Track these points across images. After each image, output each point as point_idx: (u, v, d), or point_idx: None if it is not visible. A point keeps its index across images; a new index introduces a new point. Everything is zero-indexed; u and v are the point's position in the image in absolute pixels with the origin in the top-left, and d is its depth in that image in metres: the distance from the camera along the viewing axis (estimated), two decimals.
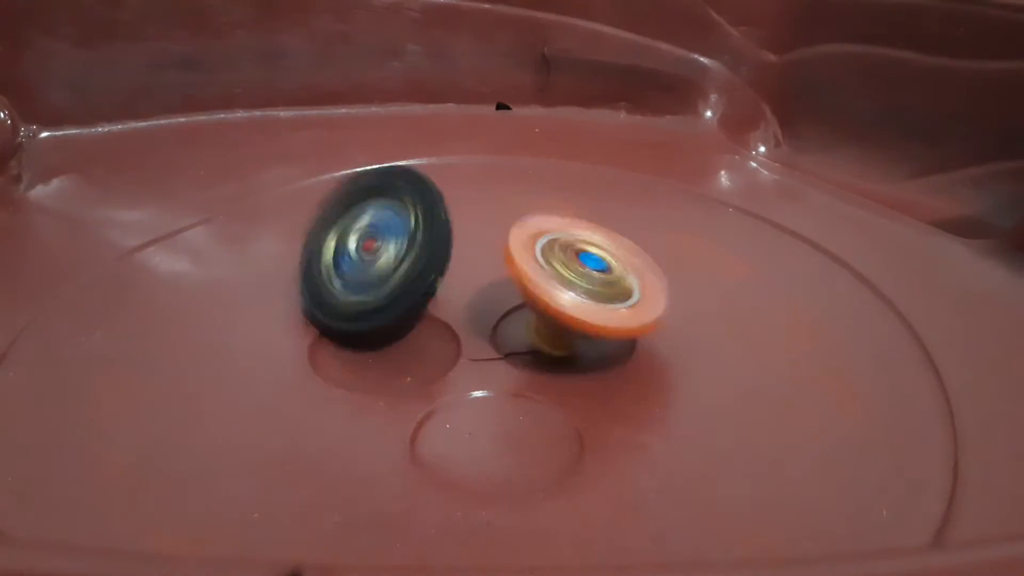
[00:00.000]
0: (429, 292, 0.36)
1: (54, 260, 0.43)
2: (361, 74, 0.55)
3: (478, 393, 0.35)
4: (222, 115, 0.53)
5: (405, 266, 0.36)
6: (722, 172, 0.53)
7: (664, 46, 0.56)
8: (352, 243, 0.38)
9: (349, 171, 0.50)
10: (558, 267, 0.35)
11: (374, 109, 0.55)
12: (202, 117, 0.53)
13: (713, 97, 0.56)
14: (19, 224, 0.46)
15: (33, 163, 0.48)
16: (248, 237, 0.45)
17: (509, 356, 0.37)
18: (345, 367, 0.36)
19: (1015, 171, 0.47)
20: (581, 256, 0.36)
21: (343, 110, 0.55)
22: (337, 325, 0.37)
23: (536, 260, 0.35)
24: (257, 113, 0.54)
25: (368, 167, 0.49)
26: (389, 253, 0.36)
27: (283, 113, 0.54)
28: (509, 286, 0.41)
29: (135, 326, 0.38)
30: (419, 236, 0.36)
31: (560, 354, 0.36)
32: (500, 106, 0.57)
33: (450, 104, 0.56)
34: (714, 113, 0.56)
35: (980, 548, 0.22)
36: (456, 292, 0.40)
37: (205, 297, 0.41)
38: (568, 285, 0.35)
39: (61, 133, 0.51)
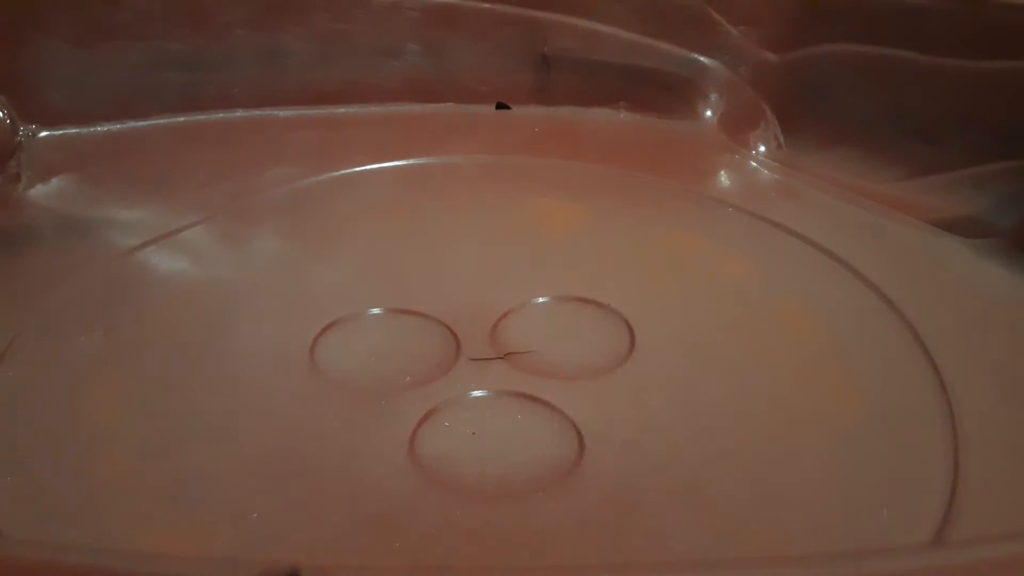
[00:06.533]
0: None
1: (54, 260, 0.43)
2: (361, 74, 0.55)
3: (478, 393, 0.35)
4: (221, 115, 0.53)
5: None
6: (722, 172, 0.53)
7: (664, 46, 0.56)
8: None
9: (348, 171, 0.50)
10: None
11: (374, 109, 0.55)
12: (201, 117, 0.53)
13: (713, 97, 0.56)
14: (18, 224, 0.46)
15: (32, 163, 0.48)
16: (248, 237, 0.45)
17: (509, 356, 0.37)
18: (345, 367, 0.36)
19: (1016, 170, 0.46)
20: None
21: (342, 110, 0.55)
22: None
23: None
24: (256, 113, 0.54)
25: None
26: None
27: (282, 113, 0.54)
28: (509, 285, 0.41)
29: (135, 326, 0.38)
30: None
31: None
32: (500, 106, 0.57)
33: (450, 104, 0.56)
34: (714, 113, 0.56)
35: (980, 547, 0.22)
36: (455, 291, 0.40)
37: (205, 297, 0.41)
38: None
39: (60, 133, 0.50)
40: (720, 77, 0.56)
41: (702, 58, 0.56)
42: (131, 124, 0.52)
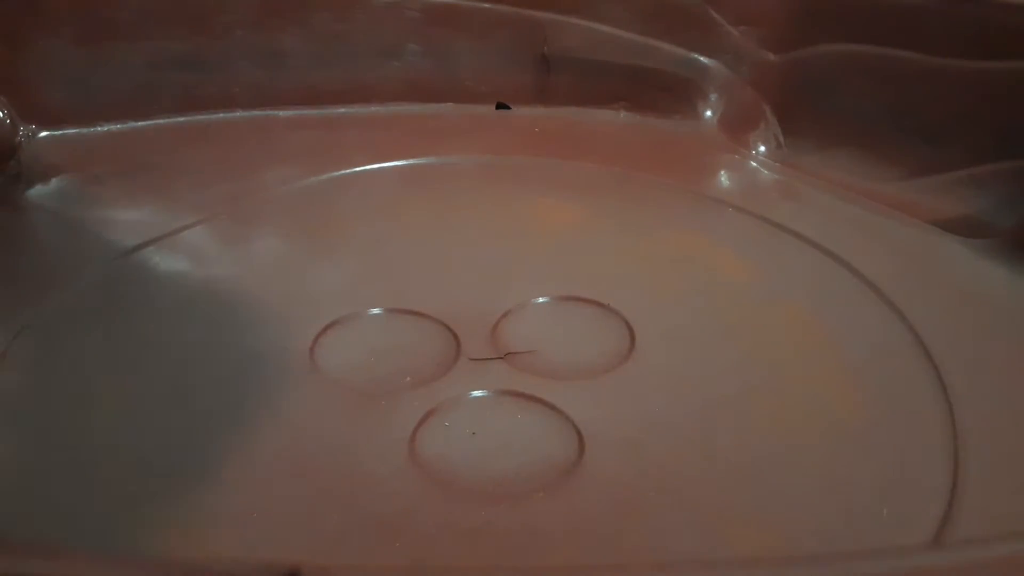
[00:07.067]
0: None
1: (54, 260, 0.43)
2: (361, 74, 0.55)
3: (478, 393, 0.35)
4: (221, 115, 0.53)
5: None
6: (722, 172, 0.53)
7: (664, 46, 0.56)
8: None
9: (348, 171, 0.50)
10: None
11: (374, 109, 0.55)
12: (201, 117, 0.53)
13: (713, 97, 0.56)
14: (19, 224, 0.46)
15: (32, 163, 0.48)
16: (248, 237, 0.45)
17: (509, 356, 0.37)
18: (345, 367, 0.36)
19: (1015, 171, 0.47)
20: None
21: (342, 110, 0.55)
22: None
23: None
24: (256, 113, 0.54)
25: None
26: None
27: (282, 113, 0.54)
28: (509, 285, 0.41)
29: (135, 326, 0.38)
30: None
31: None
32: (500, 106, 0.57)
33: (450, 104, 0.56)
34: (714, 113, 0.56)
35: (980, 547, 0.22)
36: (455, 291, 0.40)
37: (205, 297, 0.41)
38: None
39: (60, 133, 0.51)
40: (720, 77, 0.56)
41: (702, 58, 0.56)
42: (131, 124, 0.52)
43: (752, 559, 0.28)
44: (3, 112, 0.49)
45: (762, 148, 0.54)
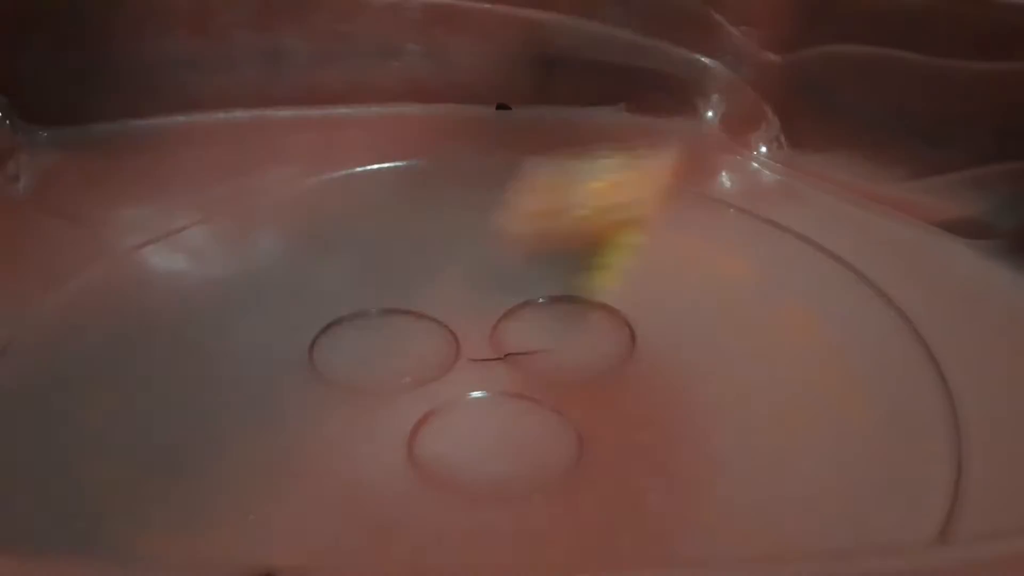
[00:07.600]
0: None
1: (53, 260, 0.43)
2: (361, 74, 0.55)
3: (477, 393, 0.35)
4: (221, 115, 0.53)
5: None
6: (723, 172, 0.53)
7: (664, 46, 0.55)
8: None
9: (348, 171, 0.50)
10: None
11: (374, 109, 0.55)
12: (201, 117, 0.53)
13: (714, 97, 0.56)
14: (18, 224, 0.46)
15: (32, 163, 0.48)
16: (248, 237, 0.45)
17: (509, 356, 0.37)
18: (344, 367, 0.36)
19: (1018, 172, 0.46)
20: None
21: (342, 110, 0.55)
22: None
23: None
24: (256, 113, 0.54)
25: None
26: None
27: (282, 113, 0.54)
28: (508, 285, 0.41)
29: (134, 326, 0.38)
30: None
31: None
32: (500, 106, 0.57)
33: (450, 104, 0.56)
34: (715, 113, 0.56)
35: (985, 544, 0.22)
36: (455, 291, 0.40)
37: (204, 297, 0.40)
38: None
39: (60, 132, 0.50)
40: (721, 77, 0.56)
41: (703, 58, 0.56)
42: (132, 124, 0.52)
43: (753, 558, 0.27)
44: (3, 112, 0.49)
45: (763, 149, 0.54)
